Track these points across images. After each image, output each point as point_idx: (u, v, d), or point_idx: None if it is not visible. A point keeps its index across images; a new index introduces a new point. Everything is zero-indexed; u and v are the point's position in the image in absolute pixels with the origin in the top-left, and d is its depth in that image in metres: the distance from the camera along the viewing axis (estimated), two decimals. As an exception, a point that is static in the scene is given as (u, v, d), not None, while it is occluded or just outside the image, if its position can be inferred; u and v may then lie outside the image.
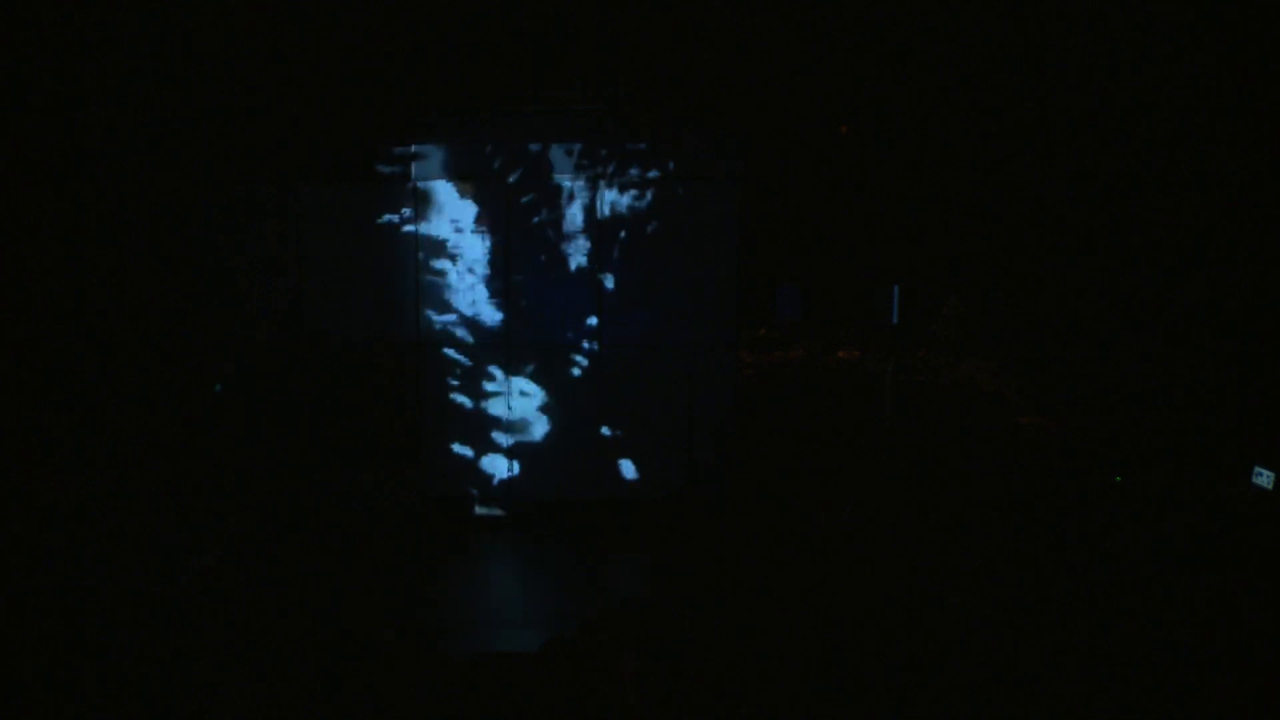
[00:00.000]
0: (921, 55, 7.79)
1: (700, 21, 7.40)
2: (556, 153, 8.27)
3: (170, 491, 7.23)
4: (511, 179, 8.30)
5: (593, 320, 8.39)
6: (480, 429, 8.56)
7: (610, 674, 3.26)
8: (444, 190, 8.34)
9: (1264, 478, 5.94)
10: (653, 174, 8.23)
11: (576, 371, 8.47)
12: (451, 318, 8.47)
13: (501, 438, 8.54)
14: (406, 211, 8.35)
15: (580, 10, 7.26)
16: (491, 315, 8.44)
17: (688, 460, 8.47)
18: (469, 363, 8.51)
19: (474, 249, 8.38)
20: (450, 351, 8.49)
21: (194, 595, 6.65)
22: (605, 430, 8.50)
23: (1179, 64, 6.61)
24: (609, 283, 8.35)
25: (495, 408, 8.54)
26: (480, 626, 6.49)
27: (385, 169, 8.32)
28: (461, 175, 8.31)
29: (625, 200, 8.27)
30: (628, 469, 8.53)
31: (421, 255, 8.39)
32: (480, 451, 8.57)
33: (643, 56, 7.80)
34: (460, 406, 8.55)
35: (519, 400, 8.52)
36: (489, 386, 8.53)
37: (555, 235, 8.34)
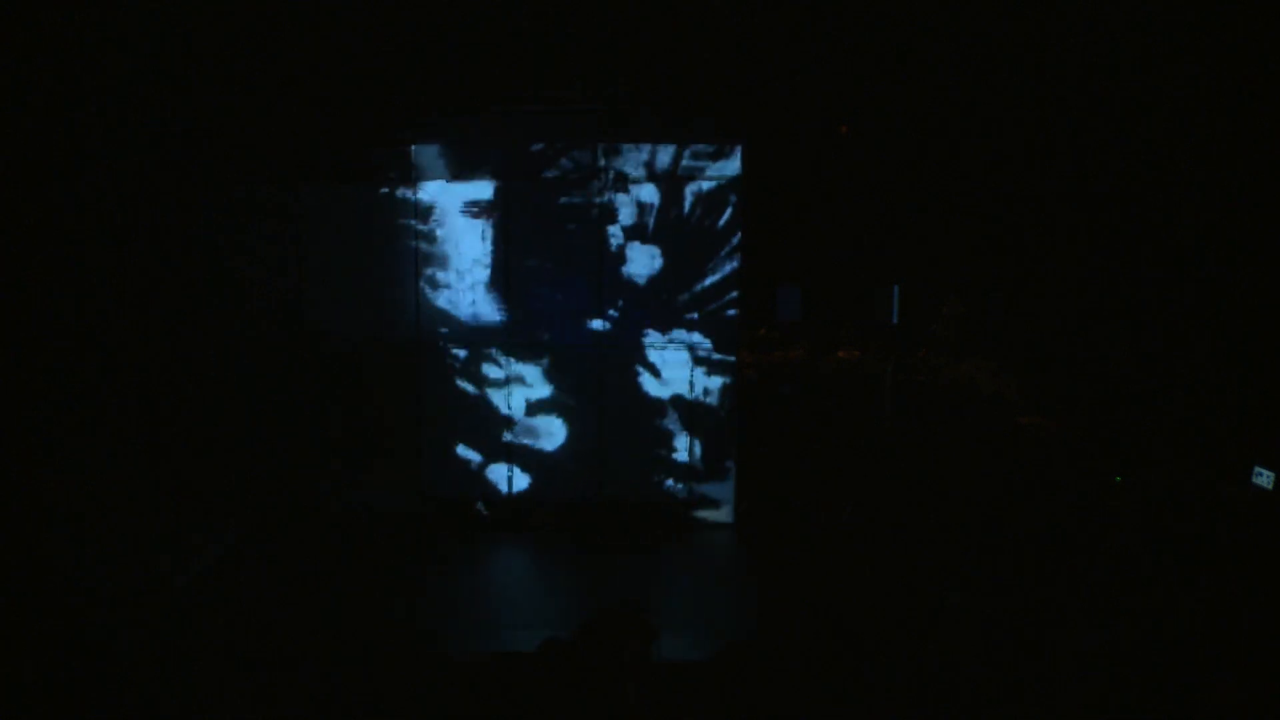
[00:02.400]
0: (921, 55, 7.79)
1: (700, 21, 7.39)
2: (557, 152, 8.27)
3: (170, 491, 7.23)
4: (511, 179, 8.30)
5: (594, 320, 8.39)
6: (479, 429, 8.56)
7: (610, 674, 3.25)
8: (443, 189, 8.34)
9: (1264, 478, 5.94)
10: (652, 174, 8.23)
11: (576, 371, 8.46)
12: (451, 317, 8.46)
13: (501, 438, 8.53)
14: (406, 211, 8.35)
15: (580, 10, 7.26)
16: (491, 314, 8.44)
17: (688, 460, 8.47)
18: (468, 362, 8.52)
19: (474, 249, 8.38)
20: (450, 351, 8.49)
21: (194, 595, 6.65)
22: (605, 430, 8.50)
23: (1179, 64, 6.61)
24: (610, 283, 8.35)
25: (494, 407, 8.53)
26: (480, 627, 6.49)
27: (384, 168, 8.32)
28: (461, 174, 8.31)
29: (625, 200, 8.27)
30: (627, 469, 8.53)
31: (420, 254, 8.39)
32: (480, 452, 8.57)
33: (643, 57, 7.79)
34: (459, 406, 8.55)
35: (519, 400, 8.51)
36: (488, 386, 8.52)
37: (556, 235, 8.34)
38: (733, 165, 8.20)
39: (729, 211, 8.24)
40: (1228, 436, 6.39)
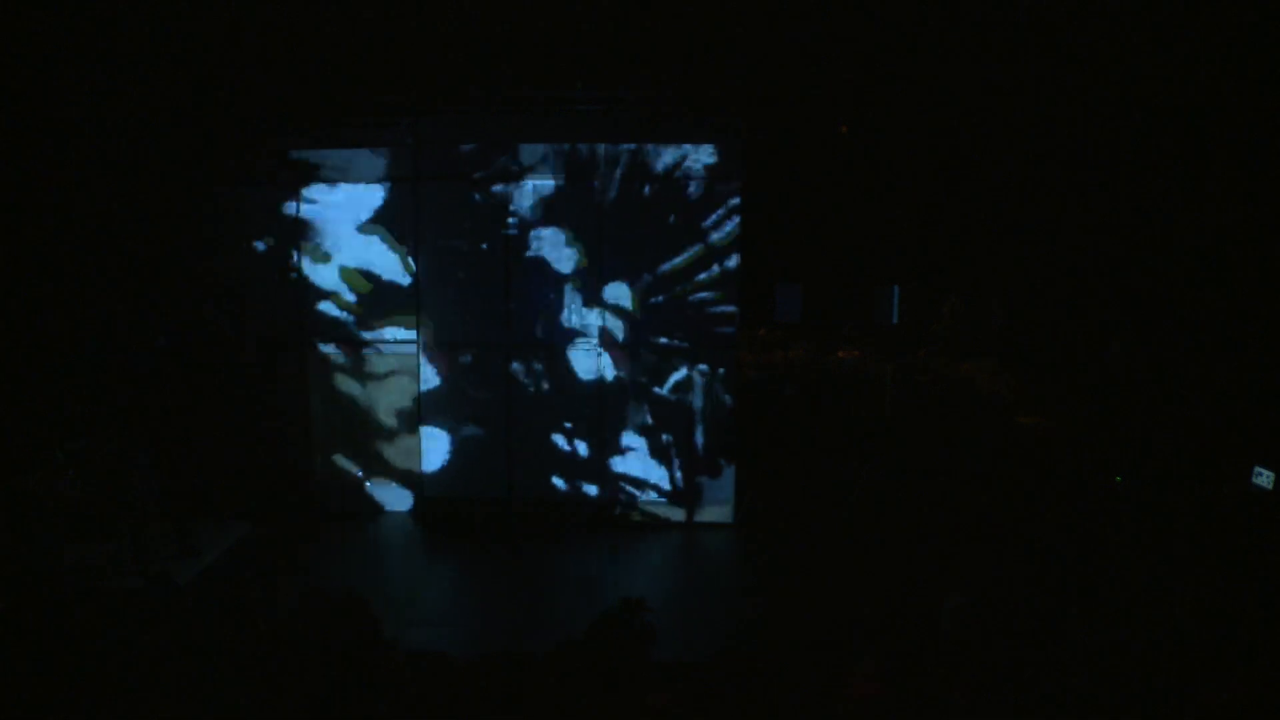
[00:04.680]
0: (922, 55, 7.80)
1: (700, 20, 7.39)
2: (554, 152, 8.25)
3: (170, 491, 7.23)
4: (511, 178, 8.28)
5: (592, 320, 8.37)
6: (477, 430, 8.54)
7: (613, 674, 3.26)
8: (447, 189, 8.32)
9: (1264, 478, 5.95)
10: (651, 172, 8.21)
11: (576, 371, 8.45)
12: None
13: (502, 440, 8.52)
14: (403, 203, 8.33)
15: (581, 9, 7.25)
16: (496, 315, 8.43)
17: (688, 461, 8.47)
18: (471, 359, 8.50)
19: (475, 247, 8.38)
20: (466, 350, 8.49)
21: (194, 595, 6.64)
22: (604, 431, 8.50)
23: (1179, 64, 6.61)
24: (608, 282, 8.33)
25: (496, 408, 8.52)
26: (483, 627, 6.49)
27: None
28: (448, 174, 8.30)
29: (624, 200, 8.25)
30: (629, 471, 8.53)
31: (413, 254, 8.38)
32: (479, 452, 8.55)
33: (642, 55, 7.79)
34: (455, 406, 8.54)
35: (518, 402, 8.50)
36: (490, 387, 8.51)
37: (554, 234, 8.32)
38: (729, 166, 8.17)
39: (728, 209, 8.21)
40: (1228, 436, 6.40)
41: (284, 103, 8.02)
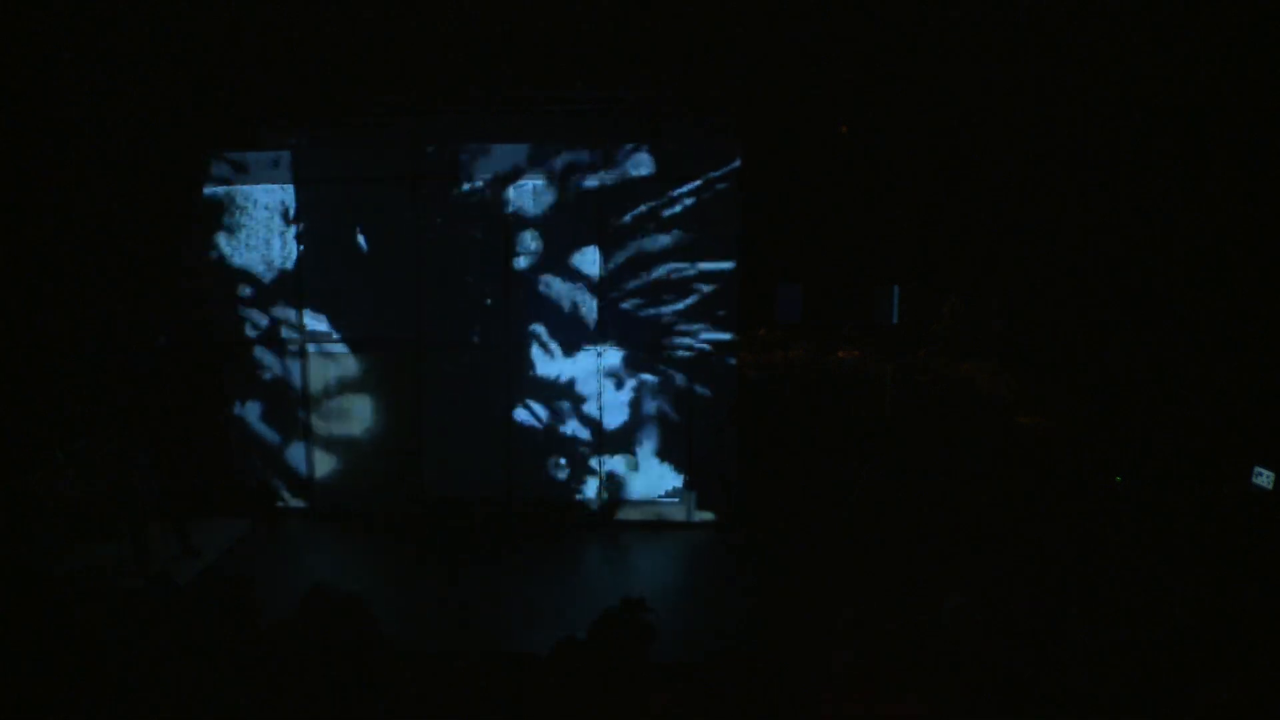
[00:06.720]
0: (922, 55, 7.79)
1: (700, 20, 7.39)
2: (557, 153, 8.25)
3: (170, 491, 7.24)
4: (508, 179, 8.29)
5: (592, 320, 8.38)
6: (483, 431, 8.55)
7: (613, 674, 3.26)
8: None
9: (1264, 478, 5.95)
10: (652, 173, 8.21)
11: (580, 371, 8.46)
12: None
13: (506, 440, 8.52)
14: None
15: (581, 9, 7.25)
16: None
17: (687, 462, 8.47)
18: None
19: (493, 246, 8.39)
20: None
21: (194, 595, 6.64)
22: (608, 432, 8.50)
23: (1180, 63, 6.61)
24: (611, 282, 8.34)
25: (497, 410, 8.53)
26: (487, 626, 6.48)
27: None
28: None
29: (623, 200, 8.24)
30: (630, 472, 8.53)
31: (427, 256, 8.39)
32: (481, 454, 8.55)
33: (642, 55, 7.78)
34: (463, 409, 8.54)
35: (520, 409, 8.51)
36: (491, 387, 8.52)
37: (553, 233, 8.33)
38: (729, 166, 8.16)
39: (728, 210, 8.20)
40: (1228, 436, 6.40)
41: (284, 103, 8.03)
